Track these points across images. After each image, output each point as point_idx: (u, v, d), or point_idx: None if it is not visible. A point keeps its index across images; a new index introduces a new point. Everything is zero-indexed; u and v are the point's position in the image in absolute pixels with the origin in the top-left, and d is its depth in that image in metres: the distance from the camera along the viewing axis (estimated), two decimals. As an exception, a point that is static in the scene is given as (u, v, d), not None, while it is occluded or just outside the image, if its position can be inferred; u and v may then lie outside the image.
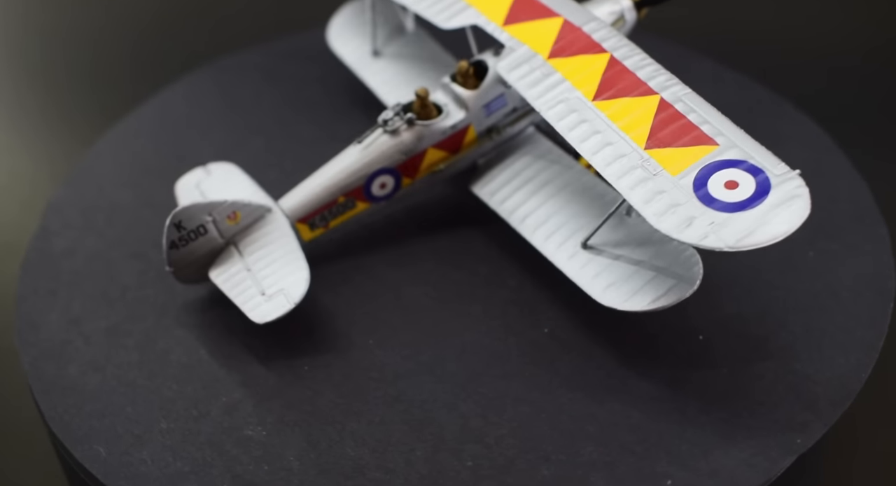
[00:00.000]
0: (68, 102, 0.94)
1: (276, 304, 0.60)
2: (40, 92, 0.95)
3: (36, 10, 1.00)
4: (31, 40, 0.99)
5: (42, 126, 0.93)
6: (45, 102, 0.94)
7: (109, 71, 0.95)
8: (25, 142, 0.91)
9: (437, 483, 0.54)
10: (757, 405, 0.57)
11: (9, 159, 0.88)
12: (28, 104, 0.95)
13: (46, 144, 0.90)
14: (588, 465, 0.55)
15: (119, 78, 0.94)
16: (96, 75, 0.95)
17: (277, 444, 0.57)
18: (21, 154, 0.89)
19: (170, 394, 0.60)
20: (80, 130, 0.91)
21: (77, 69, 0.96)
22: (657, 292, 0.57)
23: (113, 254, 0.69)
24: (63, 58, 0.96)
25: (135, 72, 0.95)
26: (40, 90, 0.95)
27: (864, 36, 0.83)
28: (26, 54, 0.98)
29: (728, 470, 0.54)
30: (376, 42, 0.77)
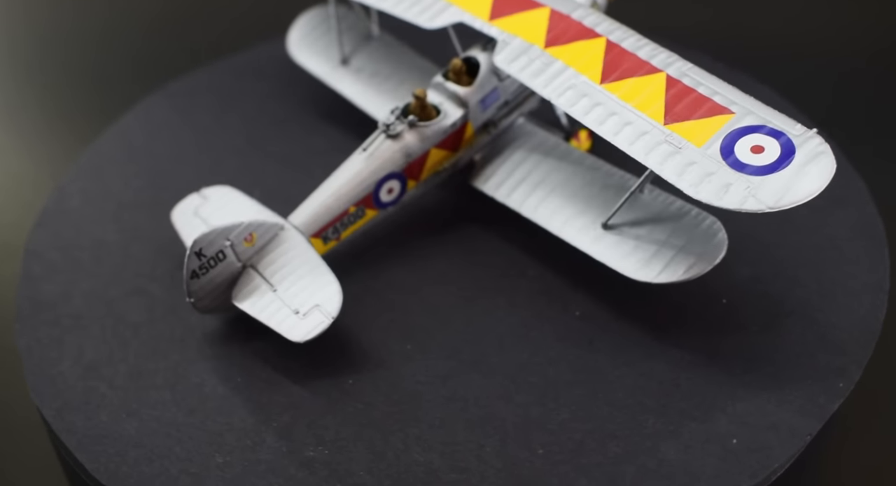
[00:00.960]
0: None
1: (313, 321, 0.59)
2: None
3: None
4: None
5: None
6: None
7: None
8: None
9: (514, 475, 0.55)
10: (793, 357, 0.59)
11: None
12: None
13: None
14: (654, 435, 0.56)
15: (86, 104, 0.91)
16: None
17: (343, 461, 0.56)
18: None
19: (216, 427, 0.58)
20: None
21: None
22: (689, 262, 0.59)
23: (112, 293, 0.67)
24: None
25: (99, 99, 0.92)
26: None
27: (868, 38, 0.86)
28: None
29: (785, 421, 0.56)
30: (343, 50, 0.76)
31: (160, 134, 0.79)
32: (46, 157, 0.87)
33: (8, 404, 0.67)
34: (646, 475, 0.54)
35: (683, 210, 0.62)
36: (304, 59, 0.78)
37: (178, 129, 0.79)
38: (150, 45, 0.94)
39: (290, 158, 0.76)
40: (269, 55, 0.84)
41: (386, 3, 0.69)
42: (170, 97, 0.82)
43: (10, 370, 0.67)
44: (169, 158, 0.77)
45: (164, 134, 0.79)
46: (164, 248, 0.69)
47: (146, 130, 0.79)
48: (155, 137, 0.78)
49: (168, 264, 0.68)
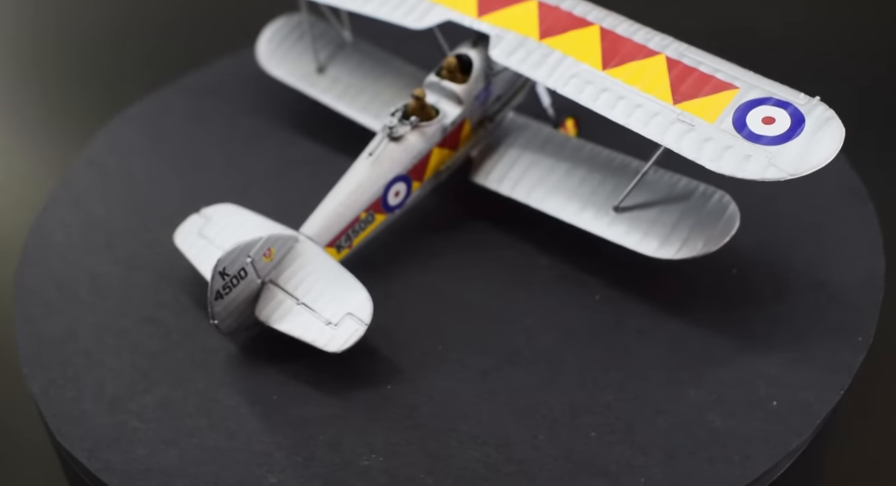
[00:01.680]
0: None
1: (348, 330, 0.58)
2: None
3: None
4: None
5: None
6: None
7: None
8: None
9: (572, 461, 0.56)
10: (810, 318, 0.62)
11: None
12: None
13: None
14: (698, 406, 0.58)
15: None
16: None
17: (400, 465, 0.56)
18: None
19: (263, 447, 0.57)
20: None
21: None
22: (705, 236, 0.61)
23: (121, 325, 0.65)
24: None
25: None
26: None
27: (868, 37, 0.89)
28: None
29: (817, 379, 0.58)
30: (318, 58, 0.76)
31: (133, 159, 0.77)
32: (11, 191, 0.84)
33: (28, 451, 0.65)
34: (700, 445, 0.56)
35: (691, 187, 0.63)
36: (278, 71, 0.77)
37: (150, 152, 0.77)
38: (107, 67, 0.92)
39: (273, 173, 0.75)
40: (232, 70, 0.83)
41: (368, 8, 0.69)
42: (135, 120, 0.80)
43: (25, 417, 0.64)
44: (148, 183, 0.75)
45: (138, 158, 0.77)
46: (166, 273, 0.68)
47: (117, 155, 0.77)
48: (128, 163, 0.76)
49: (173, 288, 0.67)
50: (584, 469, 0.55)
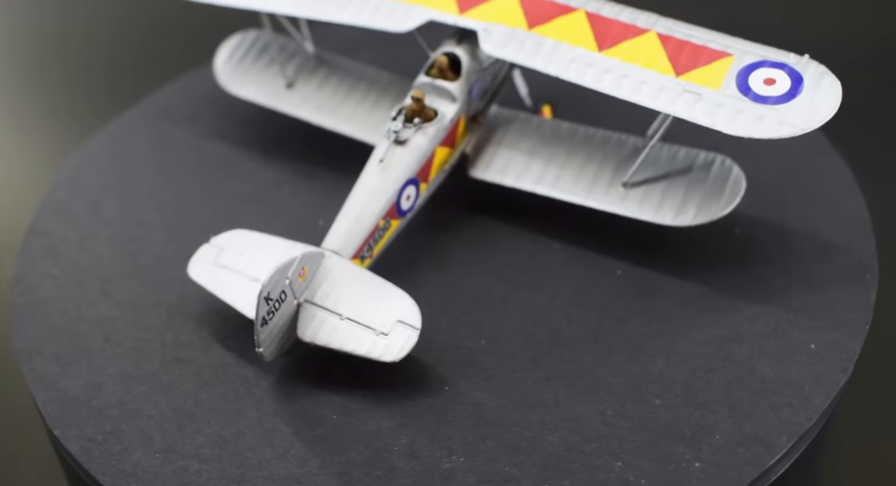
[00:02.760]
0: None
1: (402, 337, 0.58)
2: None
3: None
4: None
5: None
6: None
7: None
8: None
9: (647, 429, 0.57)
10: (818, 264, 0.65)
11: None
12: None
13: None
14: (745, 360, 0.60)
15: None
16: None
17: (482, 462, 0.56)
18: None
19: (338, 468, 0.56)
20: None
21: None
22: (718, 199, 0.63)
23: (146, 369, 0.62)
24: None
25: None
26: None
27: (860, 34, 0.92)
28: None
29: (842, 319, 0.61)
30: (286, 72, 0.74)
31: (103, 200, 0.73)
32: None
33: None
34: (758, 396, 0.58)
35: (691, 155, 0.66)
36: (244, 91, 0.75)
37: (120, 190, 0.74)
38: (61, 98, 0.87)
39: (258, 195, 0.73)
40: (188, 91, 0.81)
41: (345, 16, 0.68)
42: (96, 156, 0.77)
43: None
44: (126, 223, 0.72)
45: (108, 198, 0.74)
46: (176, 310, 0.65)
47: (85, 199, 0.74)
48: (98, 205, 0.73)
49: (189, 325, 0.64)
50: (661, 436, 0.57)
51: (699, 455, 0.55)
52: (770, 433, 0.56)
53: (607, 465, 0.55)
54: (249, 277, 0.61)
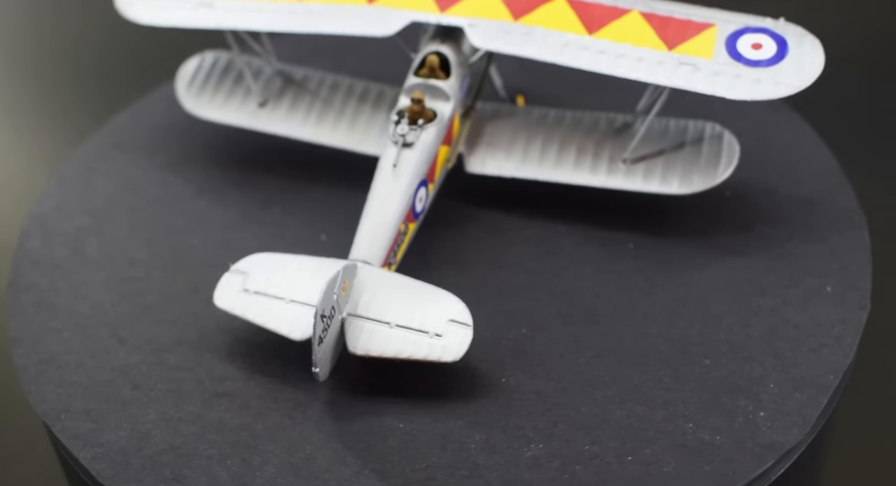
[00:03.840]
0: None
1: (458, 335, 0.58)
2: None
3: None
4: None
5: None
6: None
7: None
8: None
9: (706, 388, 0.59)
10: (811, 220, 0.68)
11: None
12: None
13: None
14: (774, 311, 0.63)
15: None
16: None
17: (562, 446, 0.56)
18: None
19: (420, 475, 0.55)
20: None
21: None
22: (717, 164, 0.66)
23: (191, 410, 0.60)
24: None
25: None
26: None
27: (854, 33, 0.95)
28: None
29: (848, 260, 0.65)
30: (256, 90, 0.73)
31: (81, 241, 0.70)
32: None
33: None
34: (795, 341, 0.61)
35: (682, 125, 0.69)
36: (216, 114, 0.73)
37: (97, 230, 0.71)
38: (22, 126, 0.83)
39: (248, 219, 0.71)
40: (147, 117, 0.78)
41: (327, 26, 0.67)
42: (59, 197, 0.73)
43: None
44: (117, 263, 0.69)
45: (87, 240, 0.70)
46: (200, 346, 0.63)
47: (61, 242, 0.70)
48: (78, 247, 0.70)
49: (220, 358, 0.62)
50: (721, 393, 0.59)
51: (761, 405, 0.58)
52: (818, 374, 0.59)
53: (680, 428, 0.57)
54: (286, 298, 0.60)
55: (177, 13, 0.70)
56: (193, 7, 0.70)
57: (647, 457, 0.56)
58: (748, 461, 0.55)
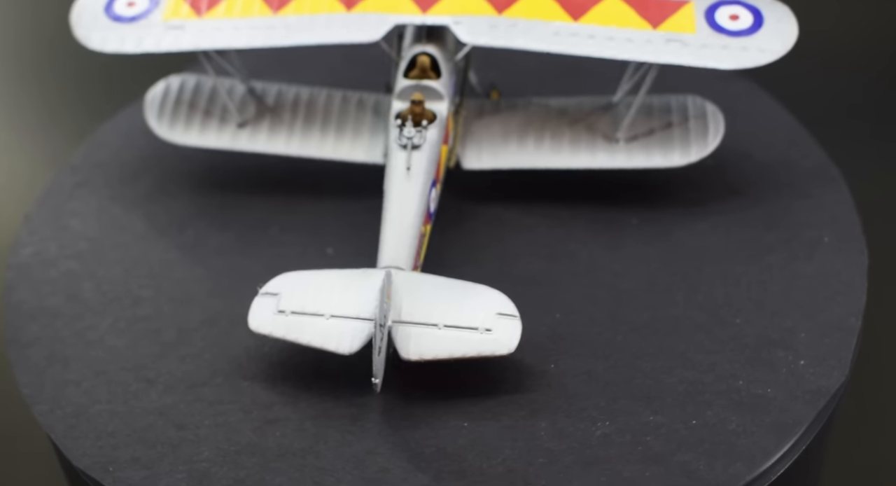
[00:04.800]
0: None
1: (508, 327, 0.58)
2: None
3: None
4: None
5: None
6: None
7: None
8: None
9: (745, 346, 0.61)
10: (792, 182, 0.71)
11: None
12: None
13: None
14: (786, 265, 0.65)
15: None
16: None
17: (628, 419, 0.57)
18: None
19: (499, 468, 0.55)
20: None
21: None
22: (706, 133, 0.69)
23: (242, 439, 0.58)
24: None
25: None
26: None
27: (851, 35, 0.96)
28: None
29: (838, 215, 0.68)
30: (232, 110, 0.71)
31: (73, 287, 0.67)
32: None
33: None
34: (811, 290, 0.64)
35: (664, 100, 0.71)
36: (194, 140, 0.71)
37: (87, 273, 0.68)
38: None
39: (246, 244, 0.69)
40: (114, 144, 0.76)
41: (312, 36, 0.66)
42: (35, 245, 0.70)
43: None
44: (121, 304, 0.66)
45: (79, 285, 0.67)
46: (235, 377, 0.61)
47: (51, 290, 0.67)
48: (72, 292, 0.67)
49: (259, 385, 0.61)
50: (760, 348, 0.61)
51: (799, 354, 0.61)
52: (841, 318, 0.62)
53: (733, 387, 0.59)
54: (326, 314, 0.59)
55: (147, 39, 0.67)
56: (163, 31, 0.67)
57: (710, 418, 0.57)
58: (802, 408, 0.58)
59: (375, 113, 0.72)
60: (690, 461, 0.56)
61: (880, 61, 1.06)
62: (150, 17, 0.68)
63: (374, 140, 0.70)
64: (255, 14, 0.68)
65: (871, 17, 1.09)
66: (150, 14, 0.68)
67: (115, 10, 0.69)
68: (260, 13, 0.68)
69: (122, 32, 0.68)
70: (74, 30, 0.68)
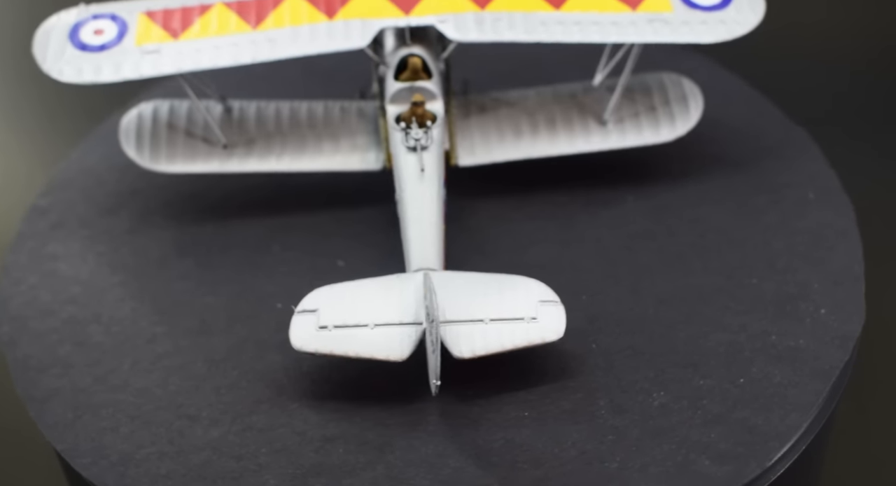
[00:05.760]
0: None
1: (552, 313, 0.59)
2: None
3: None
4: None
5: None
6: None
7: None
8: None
9: (767, 303, 0.63)
10: (782, 146, 0.73)
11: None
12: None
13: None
14: (783, 224, 0.68)
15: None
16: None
17: (679, 387, 0.59)
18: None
19: (571, 452, 0.56)
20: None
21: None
22: (687, 106, 0.71)
23: (308, 461, 0.56)
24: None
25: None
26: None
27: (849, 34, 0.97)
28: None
29: (830, 186, 0.70)
30: (214, 133, 0.69)
31: (78, 334, 0.64)
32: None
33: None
34: (812, 244, 0.66)
35: (641, 78, 0.73)
36: (179, 167, 0.69)
37: (96, 318, 0.65)
38: None
39: (252, 266, 0.68)
40: (74, 197, 0.72)
41: (298, 48, 0.65)
42: (33, 306, 0.66)
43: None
44: (135, 345, 0.63)
45: (85, 332, 0.64)
46: (282, 400, 0.60)
47: (57, 340, 0.64)
48: (79, 340, 0.64)
49: (309, 406, 0.59)
50: (782, 304, 0.63)
51: (818, 304, 0.63)
52: (845, 267, 0.65)
53: (768, 343, 0.61)
54: (370, 324, 0.58)
55: (125, 66, 0.65)
56: (140, 56, 0.65)
57: (755, 375, 0.60)
58: (835, 353, 0.61)
59: (362, 120, 0.71)
60: (748, 416, 0.57)
61: (868, 55, 1.08)
62: (122, 44, 0.66)
63: (368, 147, 0.70)
64: (234, 31, 0.66)
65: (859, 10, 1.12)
66: (121, 40, 0.66)
67: (82, 39, 0.66)
68: (238, 30, 0.66)
69: (96, 62, 0.65)
70: (41, 64, 0.65)
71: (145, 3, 0.68)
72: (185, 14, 0.67)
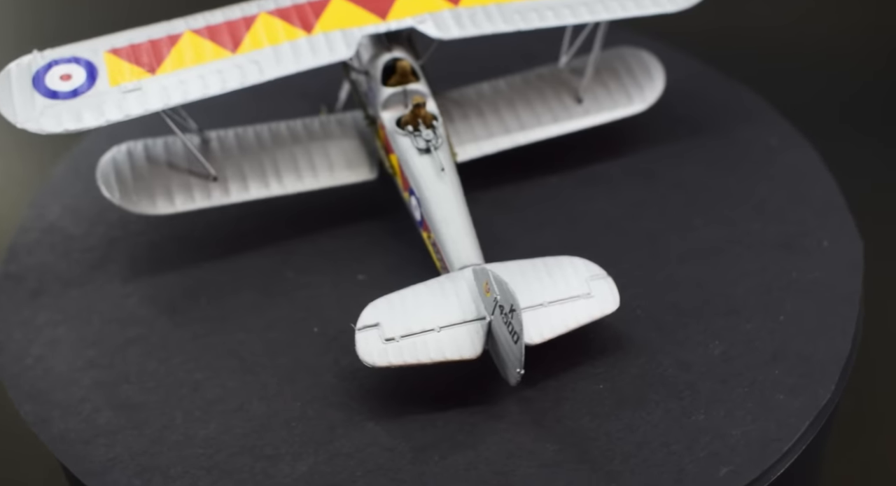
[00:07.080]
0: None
1: (604, 287, 0.60)
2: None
3: None
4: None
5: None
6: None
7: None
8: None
9: (779, 246, 0.67)
10: (753, 124, 0.76)
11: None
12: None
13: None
14: (774, 192, 0.70)
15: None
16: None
17: (743, 352, 0.61)
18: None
19: (625, 447, 0.57)
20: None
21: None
22: (652, 75, 0.73)
23: (400, 474, 0.55)
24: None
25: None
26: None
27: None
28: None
29: (808, 155, 0.74)
30: (200, 165, 0.66)
31: (113, 398, 0.61)
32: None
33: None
34: (804, 210, 0.69)
35: (599, 56, 0.75)
36: (175, 208, 0.65)
37: (115, 383, 0.62)
38: None
39: (270, 294, 0.66)
40: (41, 267, 0.68)
41: (285, 67, 0.63)
42: (48, 379, 0.62)
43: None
44: (171, 400, 0.60)
45: (123, 392, 0.61)
46: (356, 422, 0.58)
47: (77, 410, 0.60)
48: (108, 394, 0.61)
49: (386, 421, 0.58)
50: (788, 242, 0.67)
51: (819, 237, 0.67)
52: (827, 201, 0.69)
53: (791, 280, 0.64)
54: (435, 328, 0.57)
55: (108, 109, 0.61)
56: (120, 97, 0.61)
57: (790, 310, 0.62)
58: (849, 279, 0.64)
59: (345, 132, 0.70)
60: (801, 349, 0.61)
61: (863, 56, 1.10)
62: (96, 87, 0.62)
63: (360, 158, 0.69)
64: (213, 58, 0.64)
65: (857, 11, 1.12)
66: (94, 83, 0.62)
67: (49, 86, 0.62)
68: (218, 56, 0.64)
69: (73, 108, 0.61)
70: (11, 119, 0.60)
71: (106, 40, 0.64)
72: (155, 47, 0.64)
